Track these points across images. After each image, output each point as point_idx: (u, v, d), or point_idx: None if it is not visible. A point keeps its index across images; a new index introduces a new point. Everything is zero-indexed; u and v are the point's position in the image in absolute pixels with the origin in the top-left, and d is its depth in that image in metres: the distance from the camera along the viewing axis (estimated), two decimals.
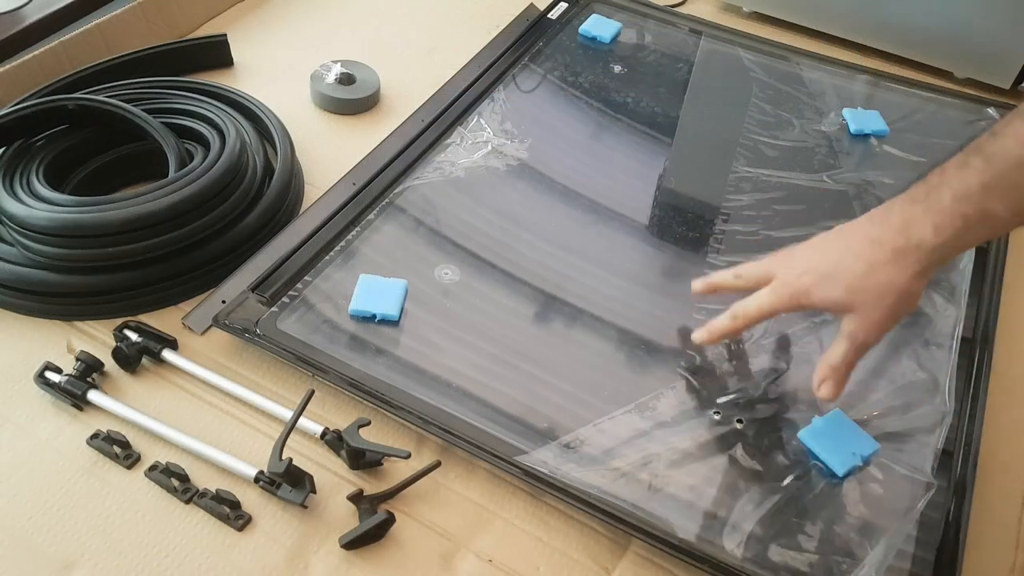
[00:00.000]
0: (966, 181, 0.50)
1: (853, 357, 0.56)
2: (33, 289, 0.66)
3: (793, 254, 0.59)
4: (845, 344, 0.56)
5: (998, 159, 0.49)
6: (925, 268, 0.53)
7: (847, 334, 0.56)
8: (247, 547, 0.55)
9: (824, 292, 0.55)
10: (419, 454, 0.60)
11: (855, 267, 0.54)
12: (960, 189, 0.51)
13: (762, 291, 0.59)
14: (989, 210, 0.50)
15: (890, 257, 0.53)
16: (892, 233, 0.54)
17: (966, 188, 0.50)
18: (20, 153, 0.72)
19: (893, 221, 0.54)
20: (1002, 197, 0.50)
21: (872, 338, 0.55)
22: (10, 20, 0.89)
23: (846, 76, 0.98)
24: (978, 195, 0.50)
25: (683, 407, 0.63)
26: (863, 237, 0.55)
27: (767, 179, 0.83)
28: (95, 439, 0.59)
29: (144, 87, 0.81)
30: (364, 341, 0.66)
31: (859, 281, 0.54)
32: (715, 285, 0.63)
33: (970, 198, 0.50)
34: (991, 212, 0.50)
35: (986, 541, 0.58)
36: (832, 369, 0.57)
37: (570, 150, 0.87)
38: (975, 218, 0.51)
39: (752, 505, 0.57)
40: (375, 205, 0.77)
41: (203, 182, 0.68)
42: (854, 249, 0.55)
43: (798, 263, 0.58)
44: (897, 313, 0.55)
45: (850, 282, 0.54)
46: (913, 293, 0.54)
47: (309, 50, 0.96)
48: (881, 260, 0.53)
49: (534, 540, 0.57)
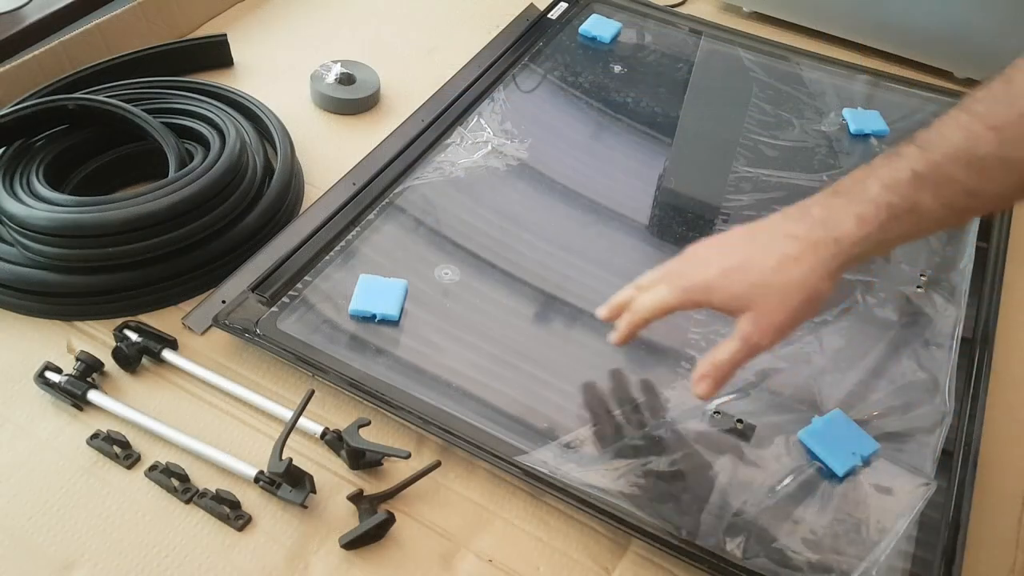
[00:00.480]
0: (896, 169, 0.47)
1: (741, 359, 0.52)
2: (33, 289, 0.66)
3: (698, 250, 0.55)
4: (737, 345, 0.51)
5: (934, 148, 0.46)
6: (841, 265, 0.49)
7: (741, 335, 0.51)
8: (247, 547, 0.55)
9: (726, 288, 0.51)
10: (419, 454, 0.60)
11: (765, 262, 0.50)
12: (889, 178, 0.47)
13: (660, 285, 0.54)
14: (918, 202, 0.47)
15: (805, 252, 0.49)
16: (809, 227, 0.50)
17: (895, 177, 0.47)
18: (20, 153, 0.72)
19: (812, 214, 0.50)
20: (932, 189, 0.46)
21: (767, 342, 0.51)
22: (10, 20, 0.89)
23: (846, 76, 0.98)
24: (908, 185, 0.47)
25: (683, 407, 0.63)
26: (777, 232, 0.51)
27: (767, 179, 0.83)
28: (95, 439, 0.59)
29: (144, 87, 0.81)
30: (364, 341, 0.66)
31: (766, 277, 0.50)
32: (618, 305, 0.57)
33: (899, 187, 0.47)
34: (920, 205, 0.47)
35: (986, 541, 0.58)
36: (715, 367, 0.52)
37: (570, 150, 0.87)
38: (902, 209, 0.47)
39: (752, 505, 0.57)
40: (375, 205, 0.77)
41: (203, 182, 0.68)
42: (766, 244, 0.51)
43: (701, 258, 0.54)
44: (799, 316, 0.50)
45: (755, 279, 0.50)
46: (821, 295, 0.50)
47: (309, 50, 0.96)
48: (794, 255, 0.49)
49: (534, 540, 0.57)
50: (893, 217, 0.47)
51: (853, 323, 0.70)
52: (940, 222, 0.48)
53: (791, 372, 0.66)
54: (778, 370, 0.66)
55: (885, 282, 0.74)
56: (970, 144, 0.45)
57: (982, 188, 0.46)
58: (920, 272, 0.75)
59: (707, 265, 0.53)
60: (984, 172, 0.45)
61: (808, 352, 0.67)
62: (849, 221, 0.48)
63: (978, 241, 0.78)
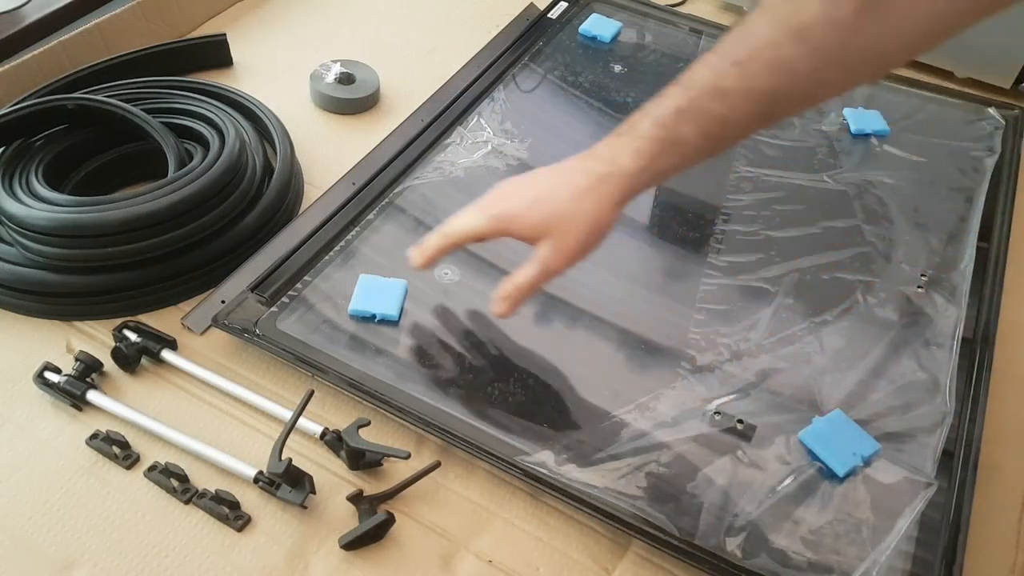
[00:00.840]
0: (663, 107, 0.54)
1: (538, 281, 0.58)
2: (32, 289, 0.66)
3: (505, 185, 0.60)
4: (535, 268, 0.57)
5: (691, 85, 0.53)
6: (624, 195, 0.56)
7: (539, 259, 0.57)
8: (247, 547, 0.55)
9: (527, 218, 0.57)
10: (419, 454, 0.60)
11: (562, 194, 0.56)
12: (657, 115, 0.54)
13: (470, 209, 0.59)
14: (681, 134, 0.53)
15: (595, 184, 0.55)
16: (597, 162, 0.56)
17: (662, 113, 0.53)
18: (19, 153, 0.72)
19: (600, 151, 0.56)
20: (691, 120, 0.53)
21: (560, 266, 0.57)
22: (10, 20, 0.89)
23: None
24: (671, 119, 0.53)
25: (683, 407, 0.63)
26: (573, 168, 0.57)
27: (767, 179, 0.83)
28: (94, 439, 0.59)
29: (144, 87, 0.81)
30: (364, 341, 0.66)
31: (563, 206, 0.56)
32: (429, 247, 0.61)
33: (664, 123, 0.53)
34: (682, 136, 0.53)
35: (986, 541, 0.58)
36: (515, 288, 0.58)
37: (570, 150, 0.85)
38: (668, 141, 0.54)
39: (752, 505, 0.57)
40: (375, 205, 0.77)
41: (203, 182, 0.68)
42: (564, 178, 0.57)
43: (508, 192, 0.60)
44: (588, 243, 0.57)
45: (554, 208, 0.56)
46: (607, 223, 0.56)
47: (309, 50, 0.96)
48: (586, 187, 0.56)
49: (534, 540, 0.57)
50: (663, 150, 0.54)
51: (853, 323, 0.70)
52: (700, 151, 0.54)
53: (791, 372, 0.66)
54: (778, 370, 0.66)
55: (885, 282, 0.74)
56: (717, 79, 0.51)
57: (731, 116, 0.52)
58: (921, 272, 0.75)
59: (512, 197, 0.59)
60: (729, 102, 0.51)
61: (808, 352, 0.67)
62: (627, 155, 0.55)
63: (979, 241, 0.78)
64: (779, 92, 0.51)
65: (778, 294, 0.72)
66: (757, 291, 0.72)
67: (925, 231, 0.79)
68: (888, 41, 0.48)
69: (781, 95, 0.51)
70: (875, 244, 0.77)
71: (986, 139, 0.90)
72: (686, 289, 0.72)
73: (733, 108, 0.52)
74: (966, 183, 0.85)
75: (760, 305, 0.71)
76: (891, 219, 0.80)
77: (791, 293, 0.72)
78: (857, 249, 0.77)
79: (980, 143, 0.90)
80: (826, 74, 0.50)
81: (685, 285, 0.73)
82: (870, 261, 0.75)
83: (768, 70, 0.50)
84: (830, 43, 0.48)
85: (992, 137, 0.91)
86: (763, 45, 0.50)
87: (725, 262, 0.74)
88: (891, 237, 0.78)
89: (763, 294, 0.72)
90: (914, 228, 0.79)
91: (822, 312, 0.71)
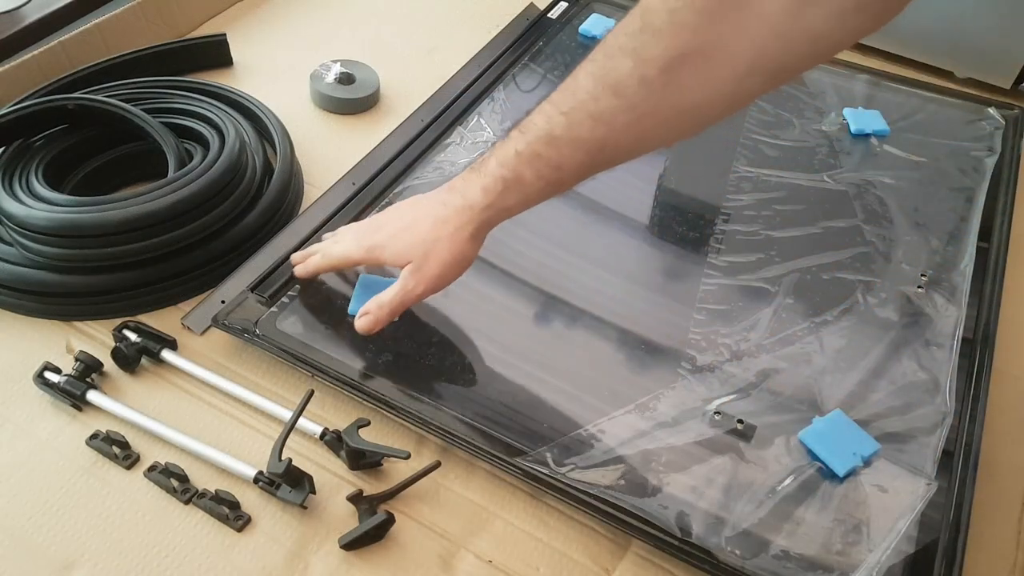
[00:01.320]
0: (506, 149, 0.58)
1: (399, 303, 0.62)
2: (32, 289, 0.66)
3: (379, 216, 0.67)
4: (397, 291, 0.62)
5: (528, 131, 0.56)
6: (477, 228, 0.60)
7: (401, 283, 0.62)
8: (247, 547, 0.55)
9: (394, 247, 0.63)
10: (419, 454, 0.60)
11: (423, 225, 0.61)
12: (501, 156, 0.58)
13: (348, 240, 0.66)
14: (521, 175, 0.57)
15: (450, 216, 0.60)
16: (454, 196, 0.61)
17: (505, 155, 0.58)
18: (19, 153, 0.72)
19: (456, 186, 0.61)
20: (529, 164, 0.57)
21: (420, 290, 0.62)
22: (10, 20, 0.89)
23: (846, 76, 0.98)
24: (513, 161, 0.57)
25: (683, 407, 0.63)
26: (434, 201, 0.62)
27: (767, 179, 0.83)
28: (94, 439, 0.59)
29: (143, 87, 0.81)
30: (364, 341, 0.66)
31: (423, 236, 0.61)
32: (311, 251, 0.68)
33: (507, 164, 0.58)
34: (522, 176, 0.57)
35: (986, 541, 0.58)
36: (378, 307, 0.63)
37: None
38: (511, 180, 0.58)
39: (752, 505, 0.57)
40: (375, 205, 0.77)
41: (202, 182, 0.68)
42: (427, 210, 0.62)
43: (380, 222, 0.66)
44: (447, 272, 0.61)
45: (414, 238, 0.61)
46: (466, 253, 0.61)
47: (309, 50, 0.96)
48: (443, 218, 0.61)
49: (534, 541, 0.57)
50: (506, 188, 0.58)
51: (853, 323, 0.70)
52: (541, 192, 0.58)
53: (791, 372, 0.66)
54: (778, 370, 0.66)
55: (886, 282, 0.74)
56: (550, 127, 0.55)
57: (564, 163, 0.56)
58: (921, 272, 0.75)
59: (382, 228, 0.65)
60: (560, 149, 0.55)
61: (808, 352, 0.67)
62: (477, 191, 0.59)
63: (979, 241, 0.78)
64: (604, 141, 0.54)
65: (778, 294, 0.72)
66: (757, 291, 0.72)
67: (925, 231, 0.79)
68: (697, 98, 0.51)
69: (607, 144, 0.54)
70: (875, 244, 0.77)
71: (986, 139, 0.90)
72: (686, 289, 0.72)
73: (564, 155, 0.55)
74: (966, 183, 0.85)
75: (760, 305, 0.71)
76: (891, 219, 0.80)
77: (791, 293, 0.72)
78: (857, 249, 0.77)
79: (980, 143, 0.90)
80: (643, 126, 0.53)
81: (685, 285, 0.73)
82: (870, 261, 0.75)
83: (591, 121, 0.53)
84: (642, 98, 0.51)
85: (992, 137, 0.91)
86: (586, 97, 0.53)
87: (725, 262, 0.74)
88: (891, 237, 0.78)
89: (763, 294, 0.72)
90: (914, 228, 0.79)
91: (822, 312, 0.71)
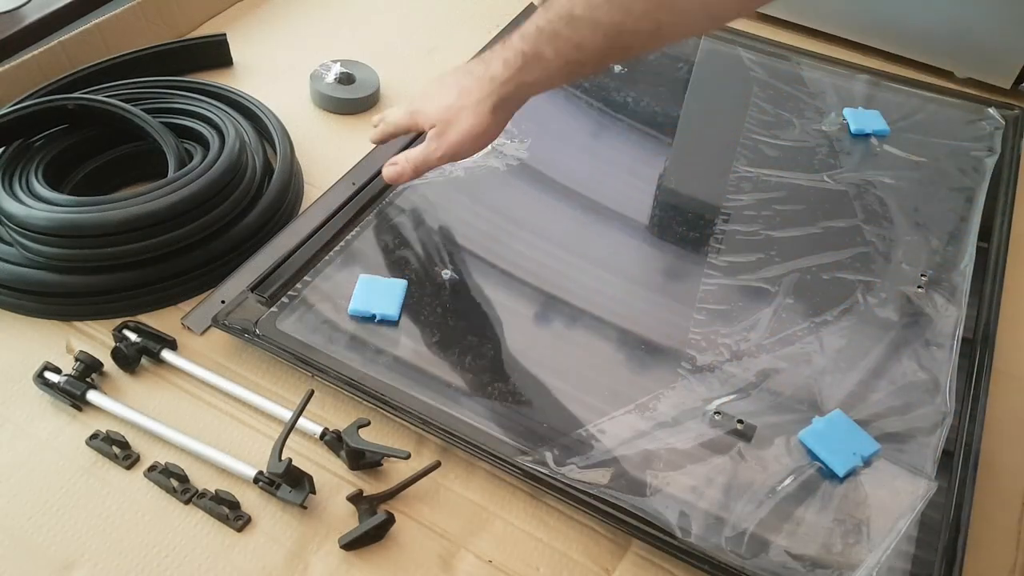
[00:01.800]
0: (529, 24, 0.60)
1: (423, 162, 0.68)
2: (32, 289, 0.66)
3: (428, 84, 0.70)
4: (422, 150, 0.68)
5: (550, 8, 0.58)
6: (499, 102, 0.63)
7: (427, 144, 0.67)
8: (247, 547, 0.55)
9: (429, 110, 0.67)
10: (419, 454, 0.60)
11: (452, 93, 0.65)
12: (524, 31, 0.60)
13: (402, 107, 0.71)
14: (541, 52, 0.60)
15: (473, 86, 0.64)
16: (481, 67, 0.64)
17: (527, 30, 0.60)
18: (19, 153, 0.72)
19: (485, 57, 0.64)
20: (549, 41, 0.59)
21: (444, 155, 0.67)
22: (10, 20, 0.89)
23: (846, 76, 0.98)
24: (534, 37, 0.59)
25: (683, 407, 0.63)
26: (465, 72, 0.66)
27: (767, 179, 0.83)
28: (94, 439, 0.59)
29: (143, 87, 0.81)
30: (364, 341, 0.66)
31: (450, 103, 0.65)
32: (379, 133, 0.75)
33: (528, 39, 0.60)
34: (542, 54, 0.60)
35: (986, 541, 0.58)
36: (406, 160, 0.69)
37: (570, 150, 0.87)
38: (531, 56, 0.60)
39: (752, 505, 0.57)
40: (375, 205, 0.77)
41: (202, 182, 0.68)
42: (458, 81, 0.66)
43: (424, 92, 0.70)
44: (469, 141, 0.66)
45: (447, 103, 0.66)
46: (486, 127, 0.65)
47: (309, 50, 0.96)
48: (469, 89, 0.64)
49: (534, 541, 0.57)
50: (526, 63, 0.61)
51: (854, 323, 0.70)
52: (562, 71, 0.61)
53: (791, 372, 0.66)
54: (778, 370, 0.66)
55: (886, 282, 0.74)
56: (571, 6, 0.57)
57: (582, 42, 0.58)
58: (921, 272, 0.75)
59: (426, 95, 0.69)
60: (580, 30, 0.57)
61: (808, 352, 0.67)
62: (499, 64, 0.62)
63: (979, 241, 0.78)
64: (622, 26, 0.56)
65: (778, 294, 0.72)
66: (757, 291, 0.72)
67: (925, 231, 0.79)
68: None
69: (624, 29, 0.57)
70: (875, 244, 0.77)
71: (986, 139, 0.90)
72: (686, 289, 0.72)
73: (583, 36, 0.57)
74: (966, 183, 0.85)
75: (760, 305, 0.71)
76: (891, 219, 0.80)
77: (791, 293, 0.72)
78: (857, 249, 0.77)
79: (980, 143, 0.90)
80: (660, 15, 0.56)
81: (685, 285, 0.73)
82: (870, 261, 0.75)
83: (609, 5, 0.56)
84: None
85: (992, 137, 0.91)
86: None
87: (725, 262, 0.74)
88: (891, 237, 0.78)
89: (763, 294, 0.72)
90: (914, 228, 0.79)
91: (822, 312, 0.71)
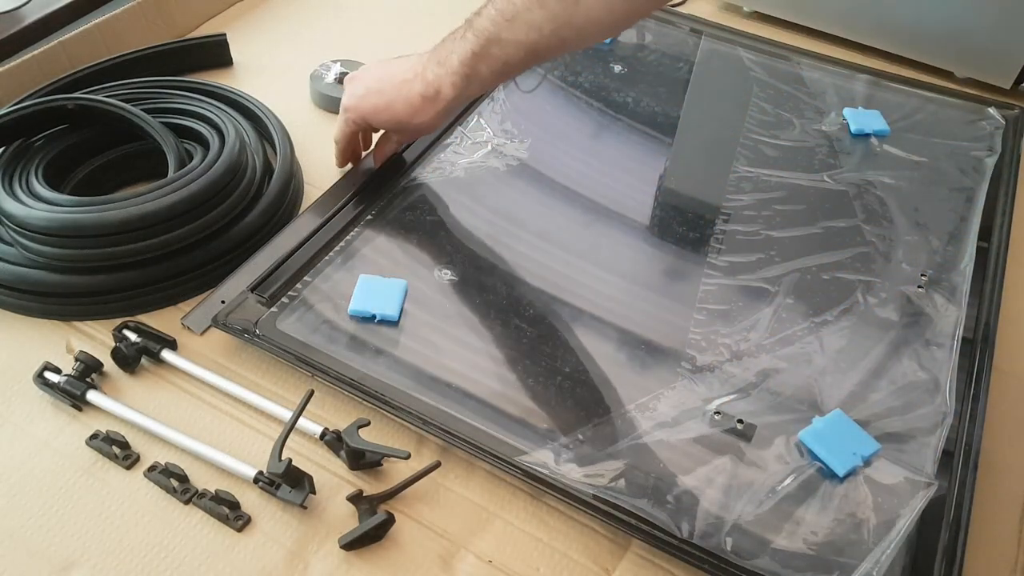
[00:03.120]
0: (464, 49, 0.68)
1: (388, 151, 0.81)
2: (32, 289, 0.66)
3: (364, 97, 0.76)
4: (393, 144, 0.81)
5: (479, 34, 0.67)
6: (445, 110, 0.72)
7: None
8: (247, 547, 0.55)
9: (377, 118, 0.75)
10: (419, 454, 0.60)
11: (405, 109, 0.73)
12: (462, 54, 0.68)
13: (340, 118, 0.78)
14: (478, 70, 0.68)
15: (424, 106, 0.72)
16: (426, 87, 0.71)
17: (464, 55, 0.68)
18: (19, 153, 0.72)
19: (428, 78, 0.71)
20: (483, 61, 0.68)
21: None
22: (10, 20, 0.89)
23: (846, 76, 0.98)
24: (471, 60, 0.68)
25: (683, 407, 0.63)
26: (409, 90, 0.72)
27: (767, 179, 0.83)
28: (94, 439, 0.59)
29: (143, 87, 0.81)
30: (364, 341, 0.66)
31: (406, 118, 0.73)
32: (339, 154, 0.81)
33: (467, 61, 0.68)
34: (479, 73, 0.68)
35: (986, 541, 0.58)
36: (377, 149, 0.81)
37: (570, 150, 0.87)
38: (472, 76, 0.69)
39: (752, 505, 0.57)
40: (375, 205, 0.77)
41: (202, 182, 0.68)
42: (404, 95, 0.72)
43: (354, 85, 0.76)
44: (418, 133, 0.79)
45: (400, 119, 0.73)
46: (435, 126, 0.75)
47: (309, 50, 0.96)
48: (418, 107, 0.72)
49: (534, 541, 0.57)
50: (468, 83, 0.70)
51: (854, 323, 0.70)
52: (495, 81, 0.72)
53: (791, 372, 0.66)
54: (778, 370, 0.66)
55: (886, 282, 0.74)
56: (497, 31, 0.66)
57: (510, 60, 0.67)
58: (921, 272, 0.75)
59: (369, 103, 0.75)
60: (505, 49, 0.67)
61: (808, 352, 0.67)
62: (448, 87, 0.70)
63: (979, 241, 0.78)
64: (536, 45, 0.66)
65: (778, 294, 0.72)
66: (757, 291, 0.72)
67: (925, 231, 0.79)
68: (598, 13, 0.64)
69: (539, 46, 0.66)
70: (875, 244, 0.77)
71: (986, 139, 0.90)
72: (686, 289, 0.72)
73: (508, 54, 0.67)
74: (966, 183, 0.85)
75: (760, 305, 0.71)
76: (891, 219, 0.80)
77: (791, 293, 0.72)
78: (857, 249, 0.77)
79: (980, 143, 0.90)
80: (563, 33, 0.65)
81: (685, 285, 0.73)
82: (870, 261, 0.75)
83: (527, 28, 0.65)
84: (560, 10, 0.64)
85: (992, 137, 0.91)
86: (523, 8, 0.65)
87: (725, 262, 0.74)
88: (891, 237, 0.78)
89: (763, 294, 0.72)
90: (914, 228, 0.79)
91: (822, 312, 0.71)
